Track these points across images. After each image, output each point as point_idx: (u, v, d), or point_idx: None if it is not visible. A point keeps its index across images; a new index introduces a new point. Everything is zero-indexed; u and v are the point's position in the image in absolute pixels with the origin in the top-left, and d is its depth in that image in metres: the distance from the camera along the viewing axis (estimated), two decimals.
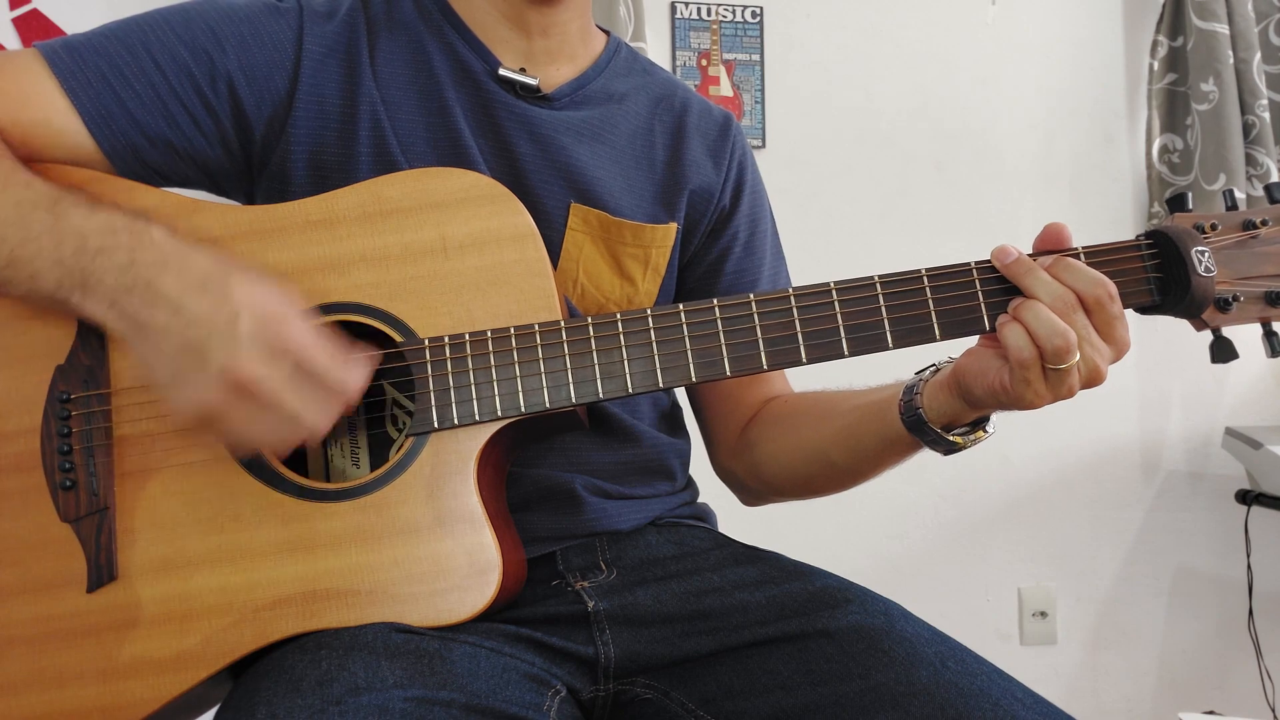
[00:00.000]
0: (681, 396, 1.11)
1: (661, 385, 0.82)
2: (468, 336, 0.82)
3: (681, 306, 0.83)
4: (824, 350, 0.82)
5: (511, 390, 0.81)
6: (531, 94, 0.96)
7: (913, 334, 0.81)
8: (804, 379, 0.96)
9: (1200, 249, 0.80)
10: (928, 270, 0.81)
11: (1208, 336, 0.84)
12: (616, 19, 2.14)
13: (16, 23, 2.00)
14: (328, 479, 0.88)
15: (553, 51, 0.99)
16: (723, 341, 0.82)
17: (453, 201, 0.85)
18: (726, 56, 2.35)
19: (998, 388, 0.79)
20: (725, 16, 2.35)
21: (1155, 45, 2.47)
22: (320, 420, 0.76)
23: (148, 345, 0.75)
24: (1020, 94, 2.48)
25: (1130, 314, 0.81)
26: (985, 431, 0.86)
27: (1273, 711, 2.40)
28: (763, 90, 2.36)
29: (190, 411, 0.74)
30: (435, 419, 0.81)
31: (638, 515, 0.98)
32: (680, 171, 1.03)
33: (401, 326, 0.83)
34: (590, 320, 0.83)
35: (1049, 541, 2.47)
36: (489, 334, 0.82)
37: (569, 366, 0.82)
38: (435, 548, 0.79)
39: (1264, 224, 0.82)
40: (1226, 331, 0.83)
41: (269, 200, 0.91)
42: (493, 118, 0.95)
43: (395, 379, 0.87)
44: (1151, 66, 2.48)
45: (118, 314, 0.76)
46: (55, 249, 0.76)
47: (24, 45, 1.98)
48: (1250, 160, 2.37)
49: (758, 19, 2.36)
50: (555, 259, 0.95)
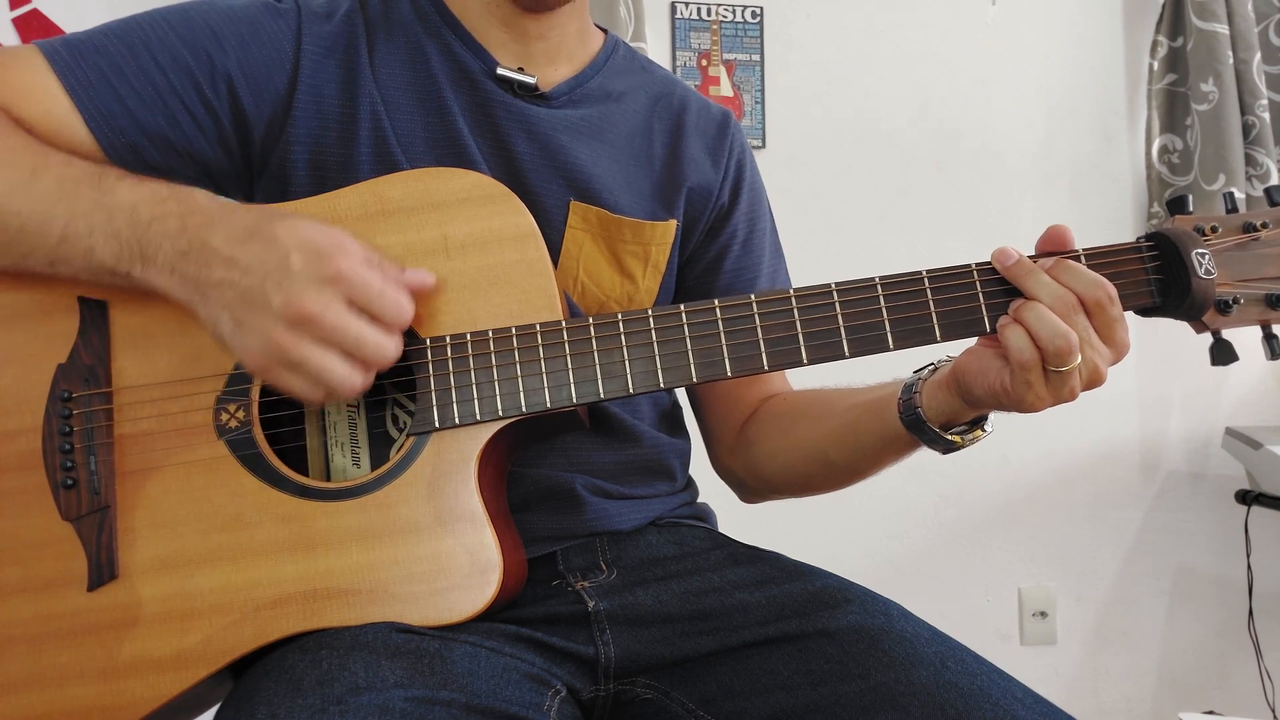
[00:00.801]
0: (681, 396, 1.11)
1: (663, 385, 0.82)
2: (469, 336, 0.82)
3: (683, 307, 0.83)
4: (825, 351, 0.82)
5: (513, 390, 0.81)
6: (530, 93, 0.96)
7: (914, 335, 0.81)
8: (803, 378, 0.96)
9: (1201, 251, 0.80)
10: (929, 272, 0.82)
11: (1208, 338, 0.84)
12: (616, 19, 2.14)
13: (16, 23, 2.00)
14: (328, 479, 0.88)
15: (550, 53, 1.00)
16: (724, 342, 0.82)
17: (454, 201, 0.85)
18: (726, 57, 2.35)
19: (998, 389, 0.79)
20: (725, 16, 2.35)
21: (1155, 45, 2.47)
22: (384, 345, 0.77)
23: (210, 304, 0.77)
24: (1020, 94, 2.48)
25: (1130, 316, 0.81)
26: (983, 431, 0.86)
27: (1273, 711, 2.40)
28: (763, 90, 2.36)
29: (262, 357, 0.75)
30: (436, 418, 0.81)
31: (638, 515, 0.98)
32: (679, 169, 1.03)
33: None
34: (591, 320, 0.83)
35: (1049, 541, 2.47)
36: (490, 334, 0.82)
37: (570, 366, 0.82)
38: (436, 547, 0.79)
39: (1264, 226, 0.82)
40: (1226, 334, 0.83)
41: (269, 200, 0.91)
42: (491, 117, 0.95)
43: (396, 379, 0.87)
44: (1151, 66, 2.48)
45: (179, 280, 0.77)
46: (108, 223, 0.78)
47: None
48: (1250, 161, 2.37)
49: (758, 19, 2.36)
50: (555, 257, 0.95)
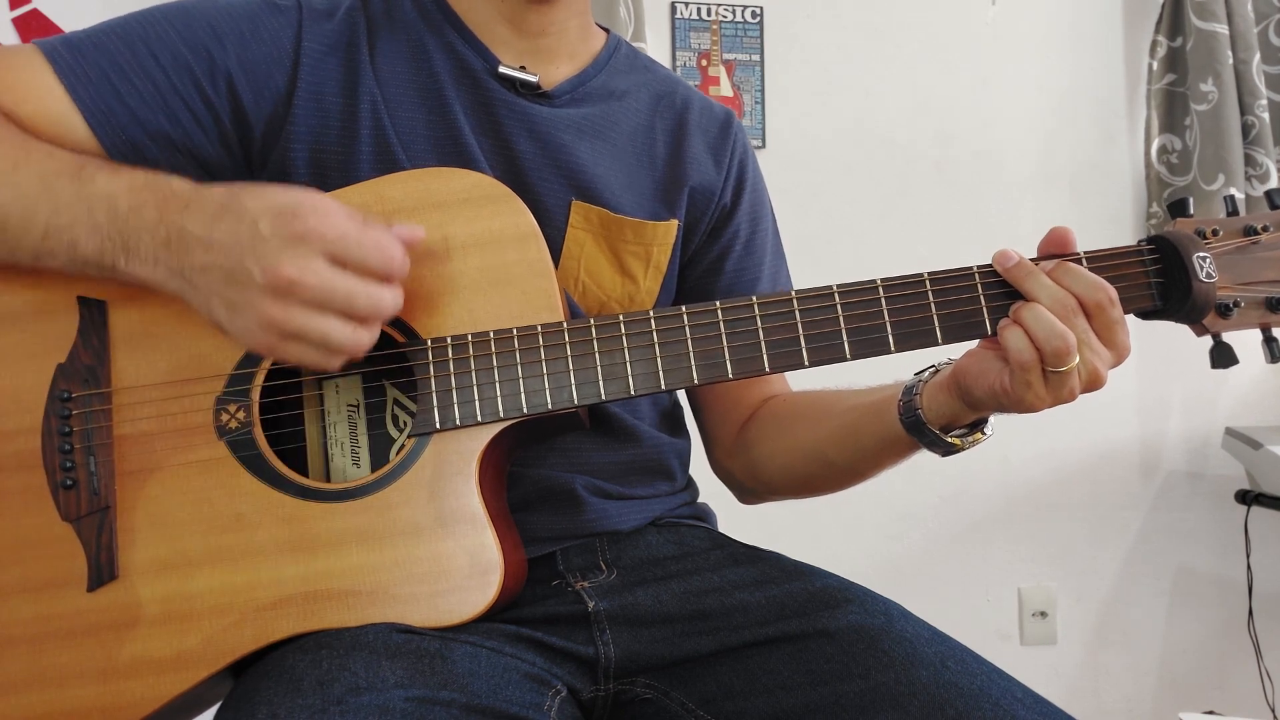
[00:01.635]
0: (681, 396, 1.11)
1: (664, 387, 0.82)
2: (470, 337, 0.82)
3: (684, 308, 0.83)
4: (826, 353, 0.82)
5: (514, 391, 0.81)
6: (531, 91, 0.96)
7: (914, 337, 0.81)
8: (803, 379, 0.96)
9: (1201, 254, 0.80)
10: (930, 274, 0.82)
11: (1208, 340, 0.84)
12: (616, 19, 2.14)
13: (16, 23, 2.00)
14: (328, 479, 0.88)
15: (552, 50, 0.99)
16: (725, 344, 0.82)
17: (455, 202, 0.85)
18: (726, 56, 2.35)
19: (998, 389, 0.79)
20: (725, 16, 2.35)
21: (1155, 45, 2.47)
22: (377, 295, 0.75)
23: (200, 291, 0.76)
24: (1020, 94, 2.48)
25: (1131, 318, 0.81)
26: (983, 433, 0.86)
27: (1273, 711, 2.40)
28: (763, 90, 2.36)
29: (261, 334, 0.74)
30: (437, 419, 0.81)
31: (638, 515, 0.98)
32: (681, 169, 1.03)
33: (404, 326, 0.83)
34: (593, 321, 0.83)
35: (1049, 541, 2.47)
36: (491, 334, 0.82)
37: (571, 368, 0.82)
38: (436, 548, 0.79)
39: (1265, 230, 0.82)
40: (1227, 337, 0.83)
41: None
42: (493, 116, 0.95)
43: (397, 379, 0.87)
44: (1151, 66, 2.48)
45: (166, 271, 0.77)
46: (89, 216, 0.77)
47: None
48: (1250, 161, 2.37)
49: (758, 19, 2.36)
50: (556, 257, 0.95)
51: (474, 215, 0.84)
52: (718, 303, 0.83)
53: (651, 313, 0.83)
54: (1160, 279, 0.81)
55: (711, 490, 1.11)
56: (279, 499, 0.80)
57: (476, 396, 0.81)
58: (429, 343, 0.82)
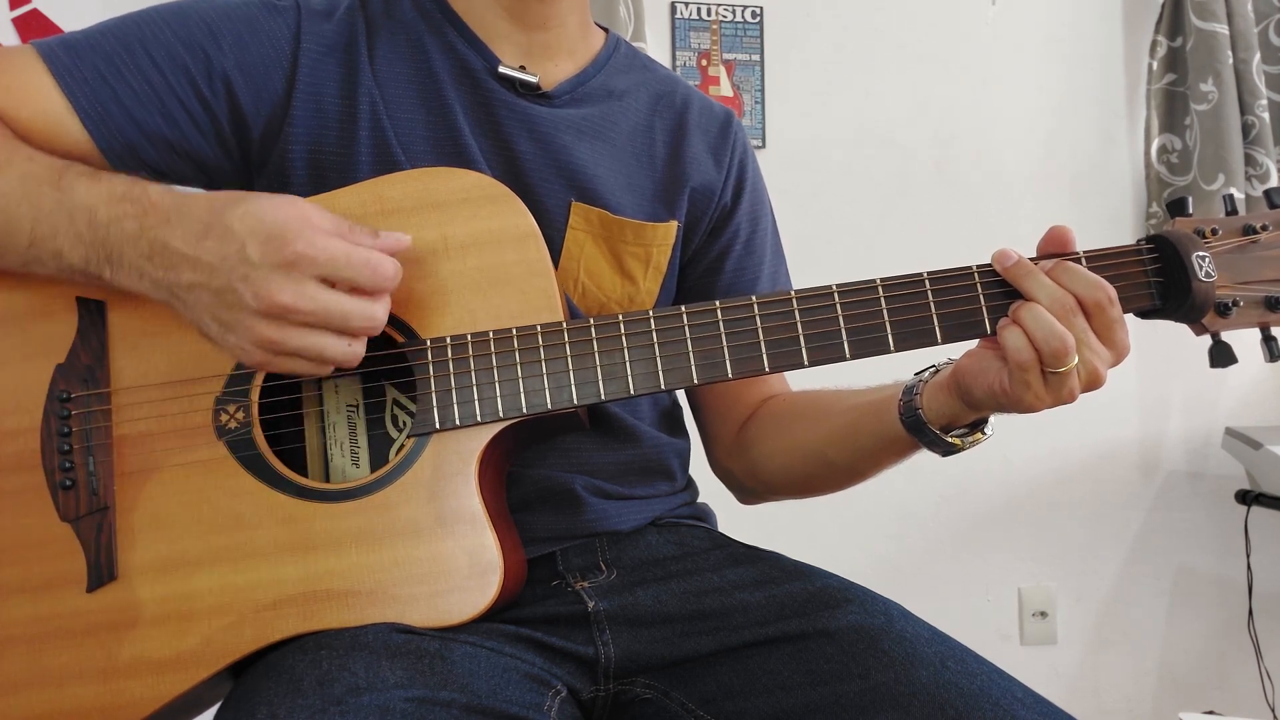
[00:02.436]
0: (680, 396, 1.11)
1: (664, 387, 0.82)
2: (469, 337, 0.82)
3: (684, 308, 0.83)
4: (826, 353, 0.82)
5: (513, 391, 0.81)
6: (531, 91, 0.96)
7: (914, 337, 0.81)
8: (803, 379, 0.96)
9: (1201, 254, 0.80)
10: (929, 273, 0.82)
11: (1207, 340, 0.84)
12: (616, 19, 2.14)
13: (16, 23, 2.00)
14: (327, 479, 0.88)
15: (552, 46, 0.99)
16: (725, 344, 0.82)
17: (454, 202, 0.85)
18: (726, 56, 2.35)
19: (997, 389, 0.79)
20: (725, 16, 2.35)
21: (1154, 45, 2.47)
22: (370, 311, 0.75)
23: (190, 307, 0.76)
24: (1020, 94, 2.48)
25: (1130, 318, 0.81)
26: (983, 433, 0.86)
27: (1273, 711, 2.40)
28: (763, 90, 2.36)
29: (256, 353, 0.75)
30: (437, 419, 0.81)
31: (638, 515, 0.98)
32: (681, 169, 1.03)
33: (403, 327, 0.83)
34: (592, 321, 0.83)
35: (1049, 541, 2.47)
36: (491, 334, 0.82)
37: (571, 367, 0.82)
38: (436, 548, 0.79)
39: (1264, 229, 0.82)
40: (1225, 336, 0.83)
41: None
42: (492, 116, 0.95)
43: (396, 379, 0.87)
44: (1151, 66, 2.48)
45: (150, 283, 0.77)
46: (70, 225, 0.77)
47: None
48: (1250, 161, 2.37)
49: (758, 19, 2.36)
50: (556, 258, 0.95)
51: (473, 215, 0.84)
52: (717, 303, 0.83)
53: (651, 313, 0.83)
54: (1159, 278, 0.81)
55: (711, 490, 1.11)
56: (278, 499, 0.80)
57: (476, 396, 0.81)
58: (428, 343, 0.82)
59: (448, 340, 0.82)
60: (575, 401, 0.82)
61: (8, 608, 0.79)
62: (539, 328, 0.82)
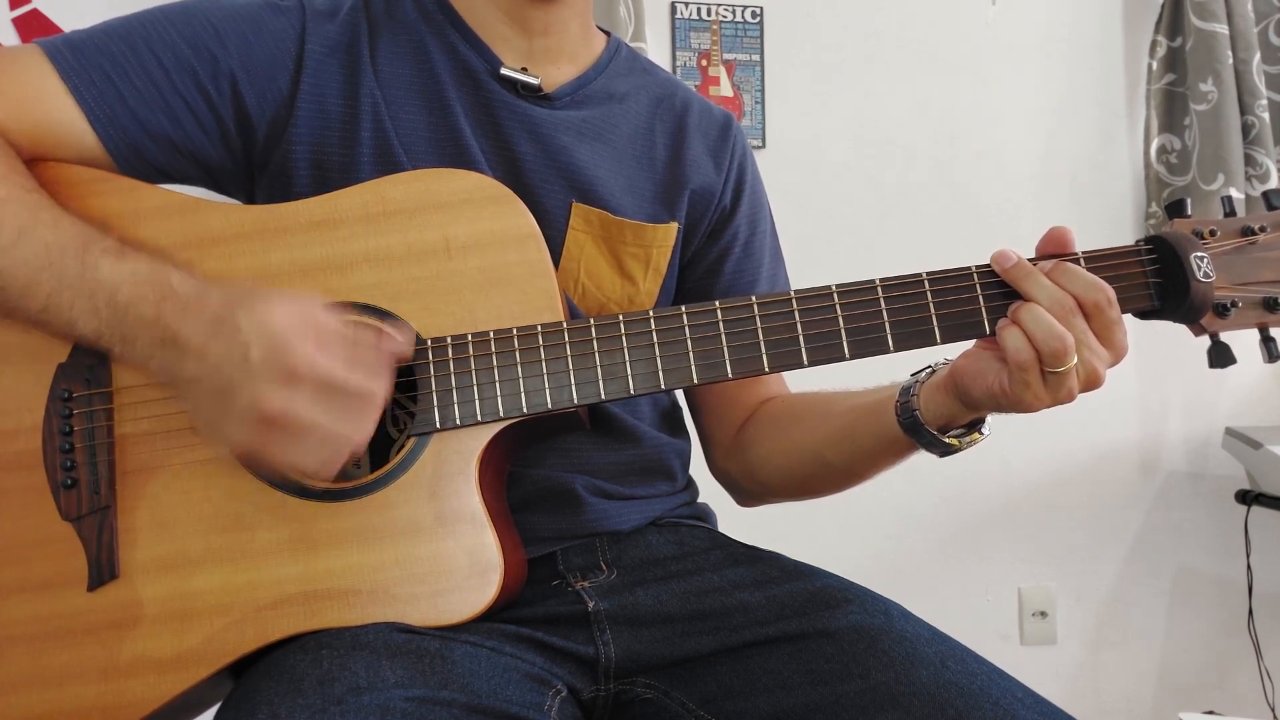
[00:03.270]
0: (680, 396, 1.11)
1: (664, 386, 0.82)
2: (470, 337, 0.82)
3: (684, 308, 0.83)
4: (825, 353, 0.82)
5: (514, 391, 0.81)
6: (533, 93, 0.96)
7: (913, 337, 0.82)
8: (802, 379, 0.96)
9: (1199, 255, 0.80)
10: (928, 274, 0.82)
11: (1206, 340, 0.84)
12: (616, 19, 2.14)
13: (16, 23, 2.00)
14: None
15: (553, 50, 1.00)
16: (724, 343, 0.82)
17: (456, 202, 0.85)
18: (726, 57, 2.35)
19: (996, 390, 0.79)
20: (725, 16, 2.35)
21: (1154, 45, 2.47)
22: (356, 431, 0.75)
23: (187, 397, 0.77)
24: (1020, 94, 2.48)
25: (1129, 318, 0.82)
26: (981, 434, 0.86)
27: (1273, 711, 2.40)
28: (763, 90, 2.36)
29: (241, 451, 0.76)
30: (437, 419, 0.81)
31: (638, 515, 0.98)
32: (681, 171, 1.03)
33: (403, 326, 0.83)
34: (592, 321, 0.83)
35: (1049, 541, 2.47)
36: (491, 334, 0.82)
37: (571, 367, 0.82)
38: (437, 548, 0.79)
39: (1262, 230, 0.82)
40: (1224, 336, 0.84)
41: (270, 199, 0.91)
42: (494, 117, 0.95)
43: (396, 379, 0.87)
44: (1150, 66, 2.48)
45: (158, 367, 0.77)
46: (89, 300, 0.77)
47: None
48: (1250, 161, 2.37)
49: (758, 19, 2.36)
50: (556, 259, 0.95)
51: (475, 216, 0.85)
52: (717, 303, 0.83)
53: (651, 312, 0.83)
54: (1158, 279, 0.82)
55: (711, 490, 1.11)
56: (279, 498, 0.80)
57: (476, 396, 0.81)
58: (429, 342, 0.82)
59: (448, 340, 0.82)
60: (575, 401, 0.82)
61: (8, 607, 0.79)
62: (539, 328, 0.82)
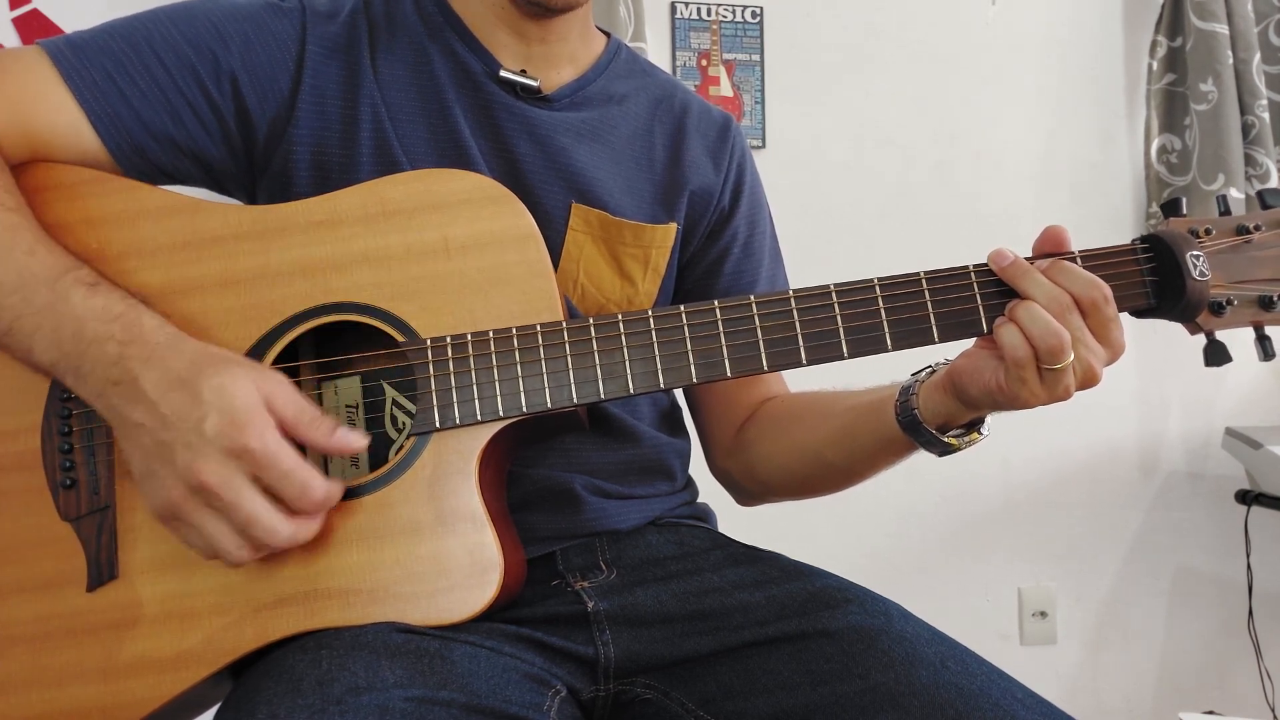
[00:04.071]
0: (679, 396, 1.11)
1: (663, 386, 0.82)
2: (469, 336, 0.82)
3: (683, 308, 0.83)
4: (824, 352, 0.82)
5: (513, 390, 0.82)
6: (532, 95, 0.97)
7: (911, 336, 0.82)
8: (801, 379, 0.96)
9: (1195, 253, 0.80)
10: (926, 273, 0.82)
11: (1203, 339, 0.84)
12: (616, 19, 2.14)
13: (16, 23, 2.00)
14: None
15: (552, 55, 1.00)
16: (723, 343, 0.82)
17: (455, 203, 0.85)
18: (726, 57, 2.35)
19: (994, 387, 0.79)
20: (725, 16, 2.35)
21: (1154, 45, 2.47)
22: (275, 530, 0.74)
23: (127, 441, 0.76)
24: (1020, 94, 2.48)
25: (1126, 317, 0.82)
26: (980, 433, 0.86)
27: (1273, 711, 2.40)
28: (763, 90, 2.36)
29: (161, 509, 0.75)
30: (437, 419, 0.81)
31: (638, 515, 0.98)
32: (680, 172, 1.03)
33: (403, 326, 0.83)
34: (592, 321, 0.83)
35: (1049, 541, 2.47)
36: (491, 334, 0.82)
37: (570, 367, 0.82)
38: (436, 547, 0.79)
39: (1257, 229, 0.82)
40: (1220, 335, 0.84)
41: (270, 200, 0.91)
42: (493, 119, 0.95)
43: (395, 379, 0.87)
44: (1151, 66, 2.48)
45: (105, 405, 0.76)
46: (54, 330, 0.76)
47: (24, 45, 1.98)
48: (1250, 161, 2.37)
49: (758, 19, 2.37)
50: (556, 259, 0.95)
51: (474, 216, 0.85)
52: (716, 302, 0.83)
53: (650, 312, 0.83)
54: (1154, 277, 0.82)
55: (711, 490, 1.11)
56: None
57: (476, 396, 0.81)
58: (428, 342, 0.82)
59: (448, 340, 0.82)
60: (575, 400, 0.82)
61: (8, 608, 0.80)
62: (539, 327, 0.82)
